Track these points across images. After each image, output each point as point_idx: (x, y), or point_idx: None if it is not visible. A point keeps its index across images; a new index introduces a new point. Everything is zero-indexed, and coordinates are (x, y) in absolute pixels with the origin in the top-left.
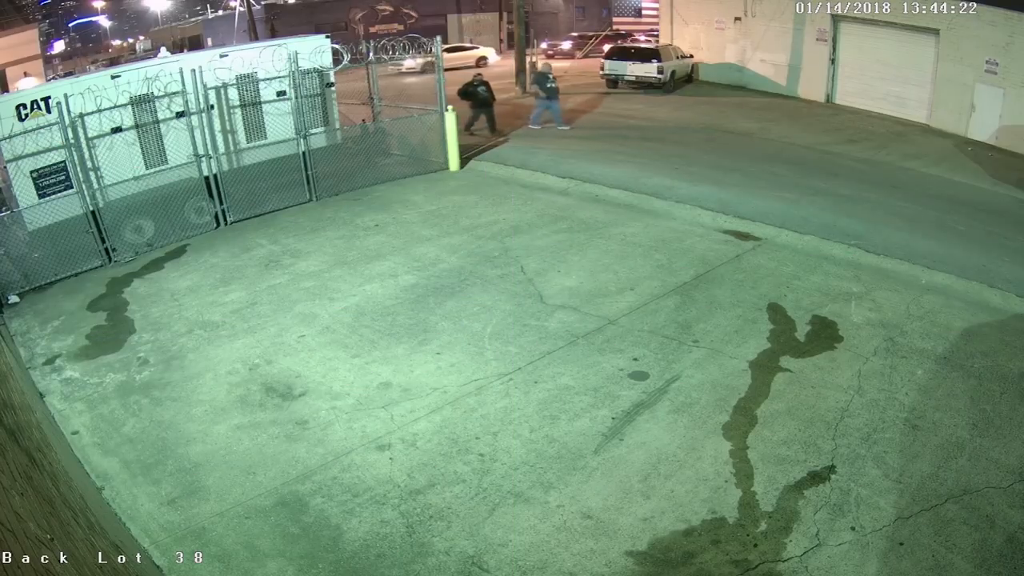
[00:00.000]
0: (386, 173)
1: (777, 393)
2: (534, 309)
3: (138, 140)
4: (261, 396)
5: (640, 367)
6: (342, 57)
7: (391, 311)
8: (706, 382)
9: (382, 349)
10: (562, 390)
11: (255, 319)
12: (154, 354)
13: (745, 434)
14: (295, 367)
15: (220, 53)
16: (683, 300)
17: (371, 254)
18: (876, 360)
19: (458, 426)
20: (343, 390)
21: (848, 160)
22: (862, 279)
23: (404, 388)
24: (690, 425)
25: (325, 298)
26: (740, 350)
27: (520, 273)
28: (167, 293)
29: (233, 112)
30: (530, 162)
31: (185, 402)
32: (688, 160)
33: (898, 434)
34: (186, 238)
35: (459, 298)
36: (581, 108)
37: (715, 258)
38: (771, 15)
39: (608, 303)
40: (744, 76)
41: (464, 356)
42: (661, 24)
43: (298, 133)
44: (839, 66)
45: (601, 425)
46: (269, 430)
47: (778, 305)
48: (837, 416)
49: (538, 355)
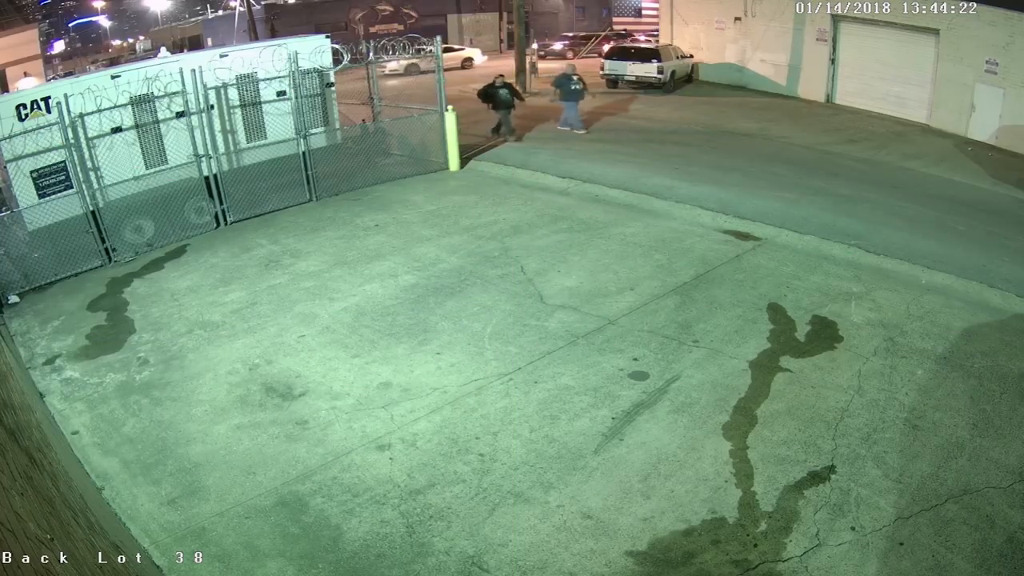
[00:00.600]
0: (386, 173)
1: (777, 393)
2: (534, 309)
3: (138, 140)
4: (261, 396)
5: (640, 367)
6: (342, 57)
7: (391, 311)
8: (706, 382)
9: (382, 349)
10: (562, 390)
11: (255, 319)
12: (154, 354)
13: (745, 434)
14: (295, 367)
15: (220, 53)
16: (683, 300)
17: (371, 254)
18: (876, 360)
19: (458, 426)
20: (343, 390)
21: (848, 160)
22: (862, 279)
23: (404, 388)
24: (690, 425)
25: (325, 298)
26: (740, 350)
27: (520, 273)
28: (167, 293)
29: (233, 112)
30: (530, 162)
31: (185, 402)
32: (688, 160)
33: (898, 434)
34: (186, 238)
35: (459, 298)
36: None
37: (715, 258)
38: (771, 15)
39: (608, 303)
40: (744, 76)
41: (464, 356)
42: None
43: (298, 133)
44: (839, 66)
45: (601, 425)
46: (269, 430)
47: (778, 305)
48: (837, 416)
49: (538, 355)
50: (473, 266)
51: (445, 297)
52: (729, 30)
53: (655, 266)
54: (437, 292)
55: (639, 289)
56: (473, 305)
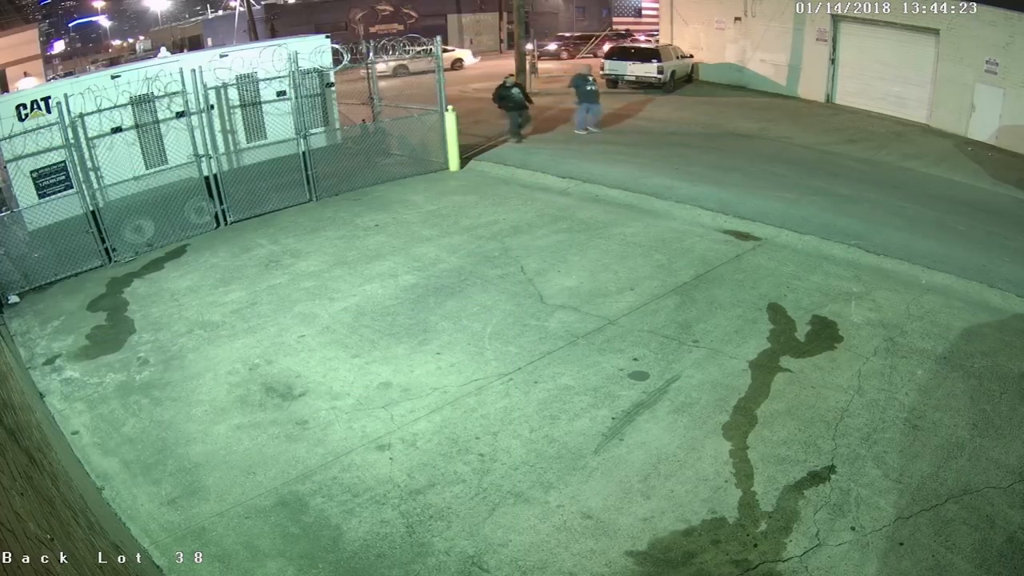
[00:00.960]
0: (386, 173)
1: (777, 393)
2: (534, 309)
3: (138, 140)
4: (261, 396)
5: (640, 367)
6: (342, 57)
7: (391, 311)
8: (706, 382)
9: (382, 349)
10: (562, 390)
11: (255, 319)
12: (154, 354)
13: (745, 434)
14: (295, 367)
15: (220, 53)
16: (683, 300)
17: (371, 254)
18: (876, 360)
19: (458, 426)
20: (343, 390)
21: (848, 160)
22: (862, 279)
23: (404, 388)
24: (690, 425)
25: (325, 298)
26: (740, 350)
27: (520, 273)
28: (167, 293)
29: (233, 112)
30: (530, 162)
31: (185, 402)
32: (688, 160)
33: (898, 434)
34: (186, 238)
35: (459, 298)
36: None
37: (715, 258)
38: (771, 15)
39: (608, 303)
40: (744, 76)
41: (464, 356)
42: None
43: (298, 133)
44: (839, 66)
45: (601, 425)
46: (269, 430)
47: (778, 305)
48: (837, 416)
49: (538, 355)
50: (473, 266)
51: (445, 297)
52: (729, 30)
53: (655, 266)
54: (437, 292)
55: (639, 289)
56: (473, 305)
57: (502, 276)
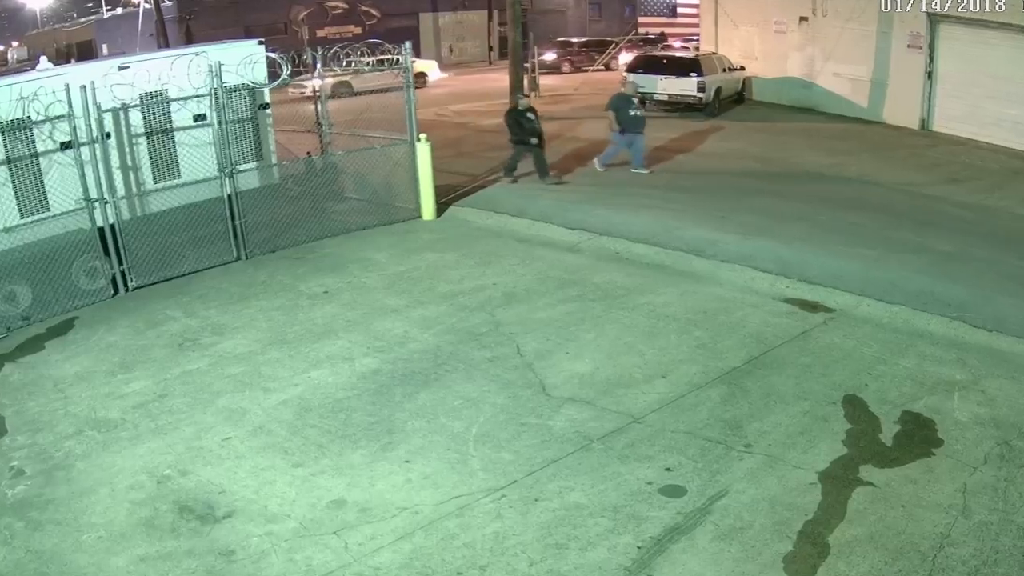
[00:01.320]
0: (339, 223)
1: (856, 514)
2: (534, 403)
3: (10, 179)
4: (173, 518)
5: (674, 479)
6: (280, 70)
7: (345, 406)
8: (762, 499)
9: (333, 456)
10: (571, 510)
11: (165, 416)
12: (31, 462)
13: (814, 568)
14: (218, 479)
15: (119, 65)
16: (731, 391)
17: (319, 330)
18: (987, 470)
19: (434, 558)
20: (282, 510)
21: (949, 206)
22: (968, 363)
23: (362, 507)
24: (740, 557)
25: (258, 388)
26: (807, 457)
27: (516, 355)
28: (49, 381)
29: (137, 142)
30: (529, 208)
31: (73, 526)
32: (737, 206)
33: (1016, 568)
34: (74, 309)
35: (435, 388)
36: (592, 137)
37: (774, 336)
38: (848, 14)
39: (632, 395)
40: (812, 95)
41: (442, 465)
42: (702, 26)
43: (222, 170)
44: (938, 82)
45: (623, 557)
46: (184, 563)
47: (857, 398)
48: (936, 545)
49: (539, 464)
50: (454, 346)
51: (417, 387)
52: (792, 33)
53: (694, 346)
54: (406, 381)
55: (673, 376)
56: (454, 398)
57: (492, 359)
